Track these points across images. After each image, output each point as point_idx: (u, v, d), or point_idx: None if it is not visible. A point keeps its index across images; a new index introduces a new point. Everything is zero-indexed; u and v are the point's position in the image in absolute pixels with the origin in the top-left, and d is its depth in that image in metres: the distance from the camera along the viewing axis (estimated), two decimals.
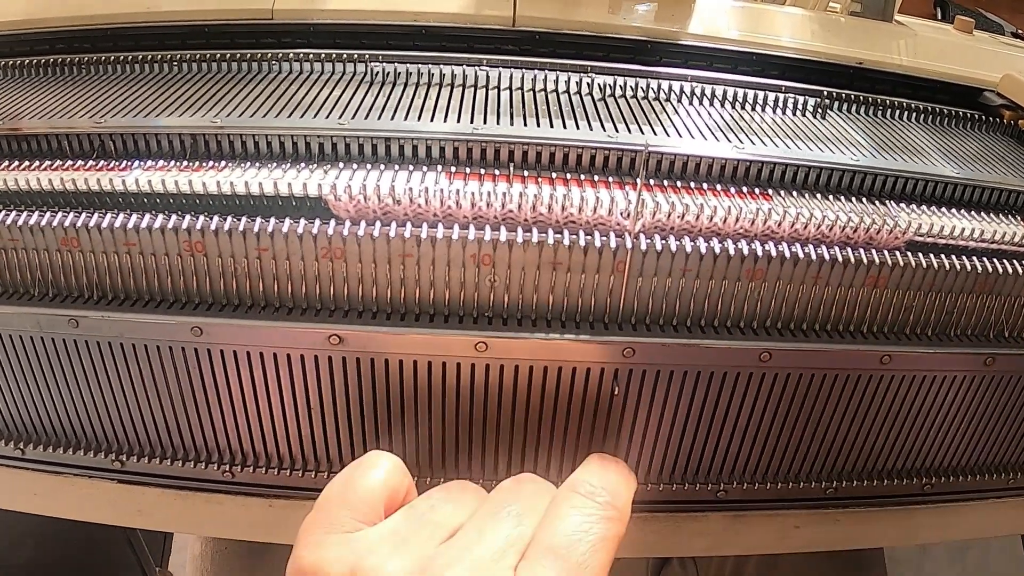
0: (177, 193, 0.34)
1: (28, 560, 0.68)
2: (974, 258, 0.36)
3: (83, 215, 0.34)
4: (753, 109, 0.46)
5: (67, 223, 0.34)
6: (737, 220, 0.35)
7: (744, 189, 0.39)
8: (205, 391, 0.36)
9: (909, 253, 0.35)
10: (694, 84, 0.46)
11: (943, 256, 0.36)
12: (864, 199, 0.39)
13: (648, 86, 0.46)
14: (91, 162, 0.37)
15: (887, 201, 0.40)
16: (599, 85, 0.46)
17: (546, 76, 0.46)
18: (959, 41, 0.64)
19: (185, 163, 0.37)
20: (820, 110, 0.47)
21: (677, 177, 0.39)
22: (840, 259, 0.35)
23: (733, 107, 0.46)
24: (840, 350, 0.36)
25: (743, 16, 0.55)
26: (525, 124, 0.40)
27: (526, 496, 0.30)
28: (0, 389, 0.38)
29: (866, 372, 0.37)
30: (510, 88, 0.45)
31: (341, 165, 0.37)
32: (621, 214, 0.34)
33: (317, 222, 0.33)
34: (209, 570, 0.75)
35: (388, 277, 0.34)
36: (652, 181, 0.38)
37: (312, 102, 0.41)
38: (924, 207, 0.40)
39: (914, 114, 0.50)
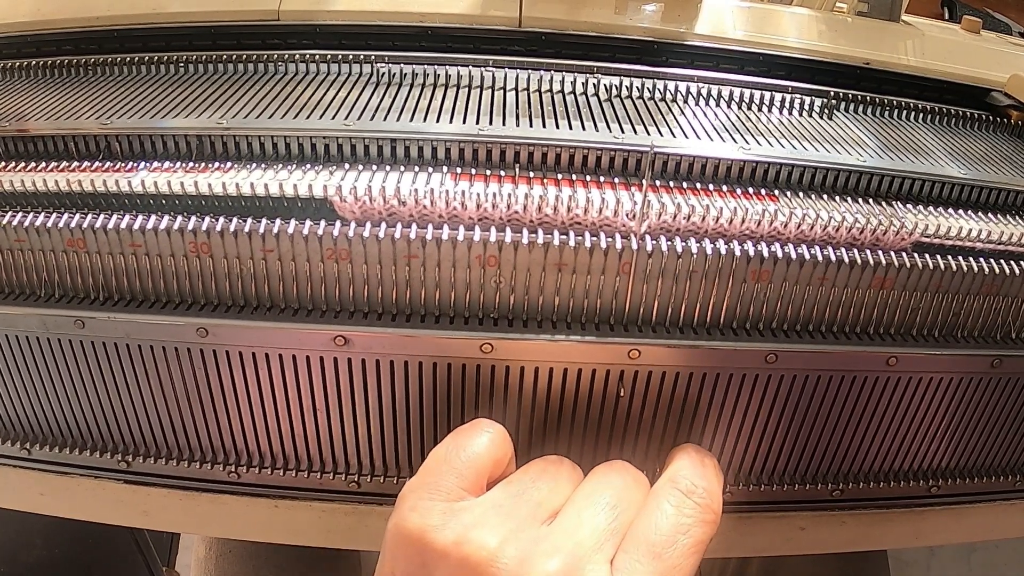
0: (183, 194, 0.34)
1: (37, 559, 0.68)
2: (981, 259, 0.36)
3: (89, 216, 0.34)
4: (759, 110, 0.46)
5: (73, 224, 0.34)
6: (743, 221, 0.35)
7: (750, 190, 0.38)
8: (211, 392, 0.36)
9: (916, 254, 0.35)
10: (700, 85, 0.46)
11: (950, 257, 0.36)
12: (870, 200, 0.39)
13: (654, 87, 0.46)
14: (97, 163, 0.37)
15: (893, 202, 0.39)
16: (605, 86, 0.46)
17: (552, 77, 0.46)
18: (966, 41, 0.64)
19: (191, 164, 0.37)
20: (826, 111, 0.47)
21: (683, 178, 0.39)
22: (846, 260, 0.34)
23: (739, 108, 0.46)
24: (846, 351, 0.36)
25: (749, 16, 0.55)
26: (531, 125, 0.40)
27: (622, 486, 0.30)
28: (6, 390, 0.38)
29: (872, 374, 0.36)
30: (516, 89, 0.45)
31: (347, 166, 0.37)
32: (627, 215, 0.34)
33: (323, 223, 0.33)
34: (212, 573, 0.76)
35: (394, 278, 0.34)
36: (658, 182, 0.38)
37: (318, 103, 0.41)
38: (931, 208, 0.40)
39: (921, 114, 0.49)
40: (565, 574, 0.26)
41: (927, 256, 0.35)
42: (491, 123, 0.40)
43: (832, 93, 0.48)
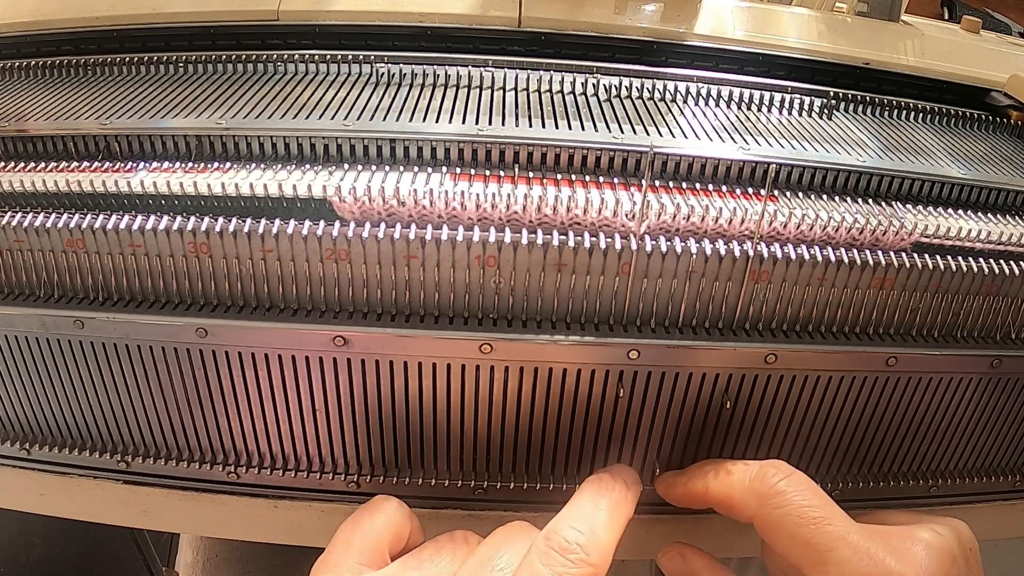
0: (182, 194, 0.34)
1: (37, 559, 0.69)
2: (980, 259, 0.36)
3: (88, 216, 0.34)
4: (759, 110, 0.46)
5: (73, 224, 0.34)
6: (742, 221, 0.35)
7: (749, 190, 0.38)
8: (210, 392, 0.36)
9: (915, 254, 0.35)
10: (700, 85, 0.46)
11: (949, 257, 0.36)
12: (870, 200, 0.39)
13: (654, 87, 0.46)
14: (97, 163, 0.37)
15: (893, 202, 0.39)
16: (604, 86, 0.46)
17: (551, 77, 0.46)
18: (966, 41, 0.64)
19: (190, 164, 0.37)
20: (826, 111, 0.47)
21: (682, 178, 0.39)
22: (846, 260, 0.34)
23: (739, 108, 0.46)
24: (846, 352, 0.36)
25: (749, 16, 0.55)
26: (530, 125, 0.40)
27: (518, 546, 0.31)
28: (6, 390, 0.38)
29: (872, 374, 0.36)
30: (515, 89, 0.45)
31: (346, 166, 0.37)
32: (626, 215, 0.34)
33: (322, 223, 0.33)
34: None
35: (393, 279, 0.34)
36: (657, 182, 0.38)
37: (317, 103, 0.41)
38: (930, 208, 0.40)
39: (921, 114, 0.49)
40: None
41: (927, 256, 0.35)
42: (491, 123, 0.40)
43: (832, 93, 0.48)
